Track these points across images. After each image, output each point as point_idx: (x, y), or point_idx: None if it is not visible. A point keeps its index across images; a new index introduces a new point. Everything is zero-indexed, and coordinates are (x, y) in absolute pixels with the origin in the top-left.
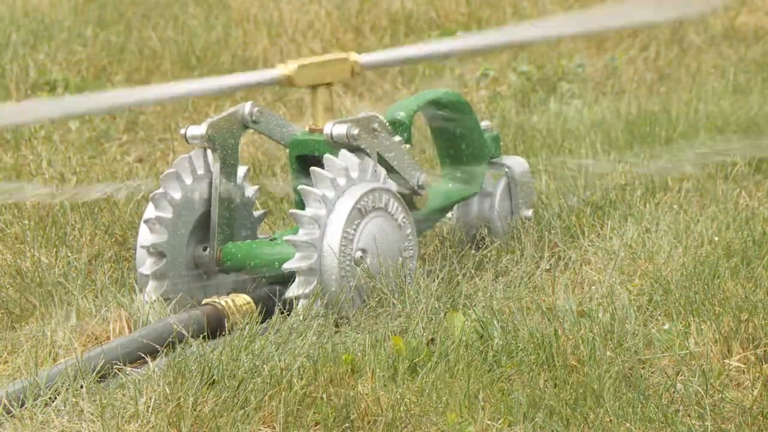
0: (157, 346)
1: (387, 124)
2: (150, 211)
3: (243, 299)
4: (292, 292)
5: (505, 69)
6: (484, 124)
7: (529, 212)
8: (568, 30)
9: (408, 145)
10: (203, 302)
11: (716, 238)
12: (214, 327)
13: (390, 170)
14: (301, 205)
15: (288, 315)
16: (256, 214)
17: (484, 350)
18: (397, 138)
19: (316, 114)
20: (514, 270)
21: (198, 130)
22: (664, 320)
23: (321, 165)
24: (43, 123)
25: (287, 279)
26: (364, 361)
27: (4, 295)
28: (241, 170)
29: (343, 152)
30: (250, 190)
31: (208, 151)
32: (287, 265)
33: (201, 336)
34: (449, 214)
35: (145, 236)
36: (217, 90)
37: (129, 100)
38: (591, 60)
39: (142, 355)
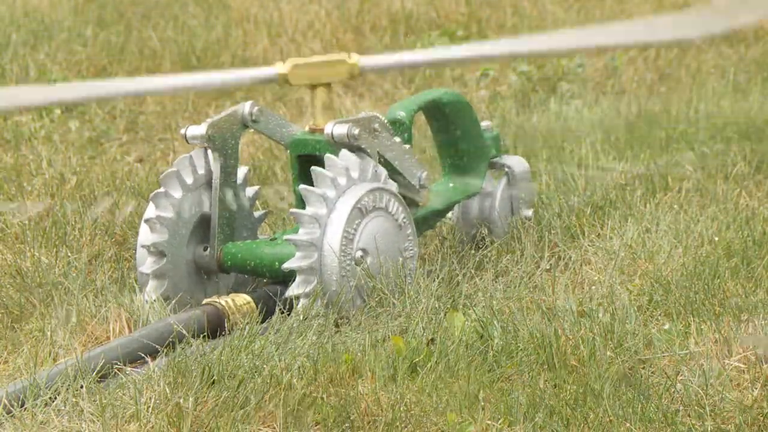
0: (157, 346)
1: (388, 124)
2: (151, 211)
3: (243, 299)
4: (292, 291)
5: (505, 69)
6: (484, 124)
7: (529, 212)
8: (565, 44)
9: (408, 146)
10: (203, 302)
11: (716, 238)
12: (215, 327)
13: (391, 170)
14: (301, 205)
15: (288, 315)
16: (256, 214)
17: (484, 350)
18: (398, 138)
19: (316, 114)
20: (514, 270)
21: (198, 130)
22: (664, 320)
23: (322, 165)
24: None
25: (288, 278)
26: (364, 361)
27: (4, 295)
28: (242, 171)
29: (344, 152)
30: (250, 191)
31: (209, 151)
32: (287, 264)
33: (201, 336)
34: (449, 214)
35: (146, 235)
36: (215, 85)
37: (128, 89)
38: (591, 60)
39: (142, 355)
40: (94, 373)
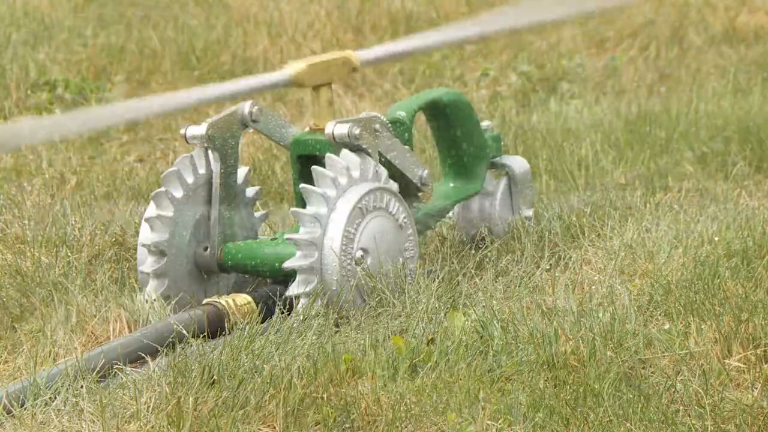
0: (157, 345)
1: (388, 124)
2: (151, 210)
3: (243, 299)
4: (292, 290)
5: (505, 69)
6: (484, 124)
7: (529, 212)
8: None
9: (407, 147)
10: (204, 302)
11: (716, 238)
12: (215, 327)
13: (392, 170)
14: (302, 205)
15: (288, 315)
16: (256, 214)
17: (484, 350)
18: (398, 138)
19: (317, 113)
20: (514, 270)
21: (198, 130)
22: (664, 320)
23: (322, 164)
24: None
25: (288, 278)
26: (364, 361)
27: (4, 295)
28: (242, 171)
29: (345, 152)
30: (250, 191)
31: (210, 151)
32: (288, 264)
33: (201, 336)
34: (449, 214)
35: (146, 234)
36: (227, 96)
37: (134, 113)
38: (591, 60)
39: (143, 354)
40: (94, 373)
